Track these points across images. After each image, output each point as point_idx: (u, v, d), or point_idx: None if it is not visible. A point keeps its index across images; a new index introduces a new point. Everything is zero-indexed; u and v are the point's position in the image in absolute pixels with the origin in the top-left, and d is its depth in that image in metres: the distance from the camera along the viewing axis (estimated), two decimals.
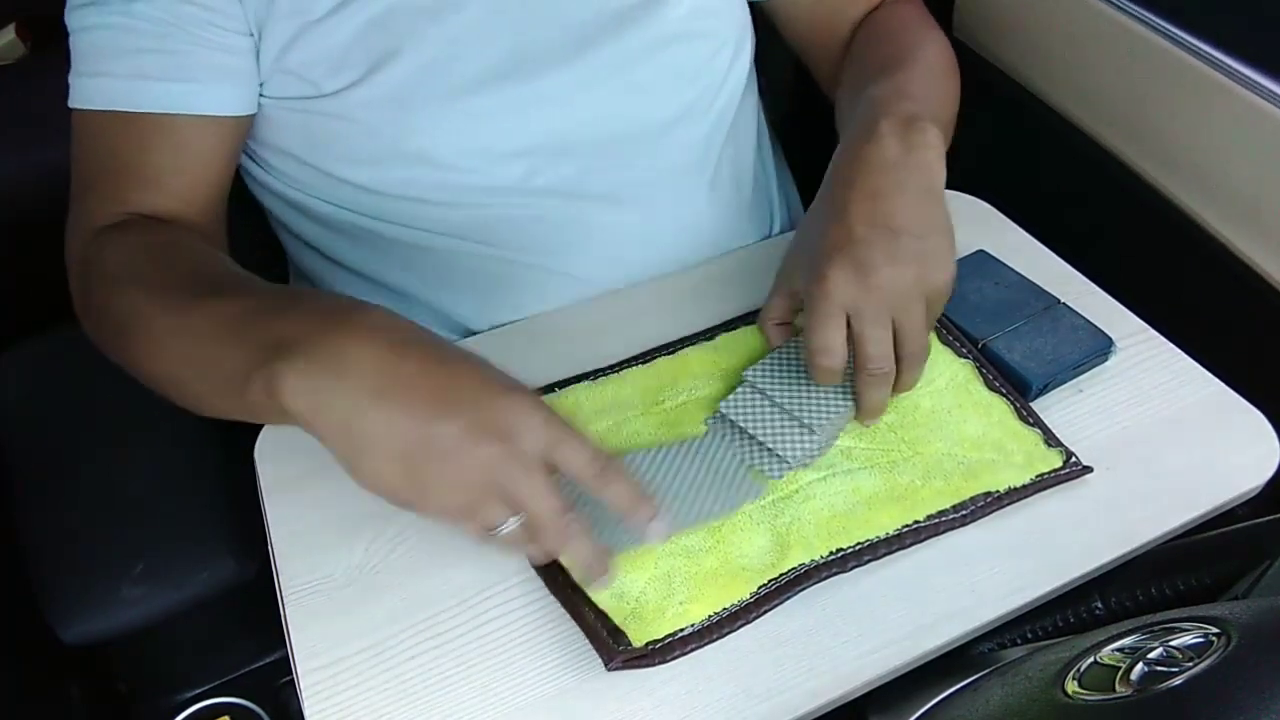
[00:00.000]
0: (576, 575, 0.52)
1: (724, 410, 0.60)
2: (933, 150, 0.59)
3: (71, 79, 0.63)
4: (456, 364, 0.47)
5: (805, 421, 0.58)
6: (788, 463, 0.57)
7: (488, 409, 0.46)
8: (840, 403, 0.59)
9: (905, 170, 0.57)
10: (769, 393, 0.60)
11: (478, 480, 0.46)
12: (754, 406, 0.60)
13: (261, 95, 0.66)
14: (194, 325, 0.52)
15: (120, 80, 0.61)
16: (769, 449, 0.58)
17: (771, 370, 0.61)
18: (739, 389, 0.61)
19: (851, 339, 0.56)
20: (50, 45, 1.08)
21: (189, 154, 0.64)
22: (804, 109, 0.76)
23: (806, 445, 0.58)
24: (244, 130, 0.67)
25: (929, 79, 0.68)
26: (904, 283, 0.54)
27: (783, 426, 0.59)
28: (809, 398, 0.59)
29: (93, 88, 0.62)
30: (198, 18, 0.61)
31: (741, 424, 0.59)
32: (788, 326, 0.64)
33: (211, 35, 0.62)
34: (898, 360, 0.56)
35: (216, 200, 0.67)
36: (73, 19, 0.62)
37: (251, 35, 0.63)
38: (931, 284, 0.56)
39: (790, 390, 0.60)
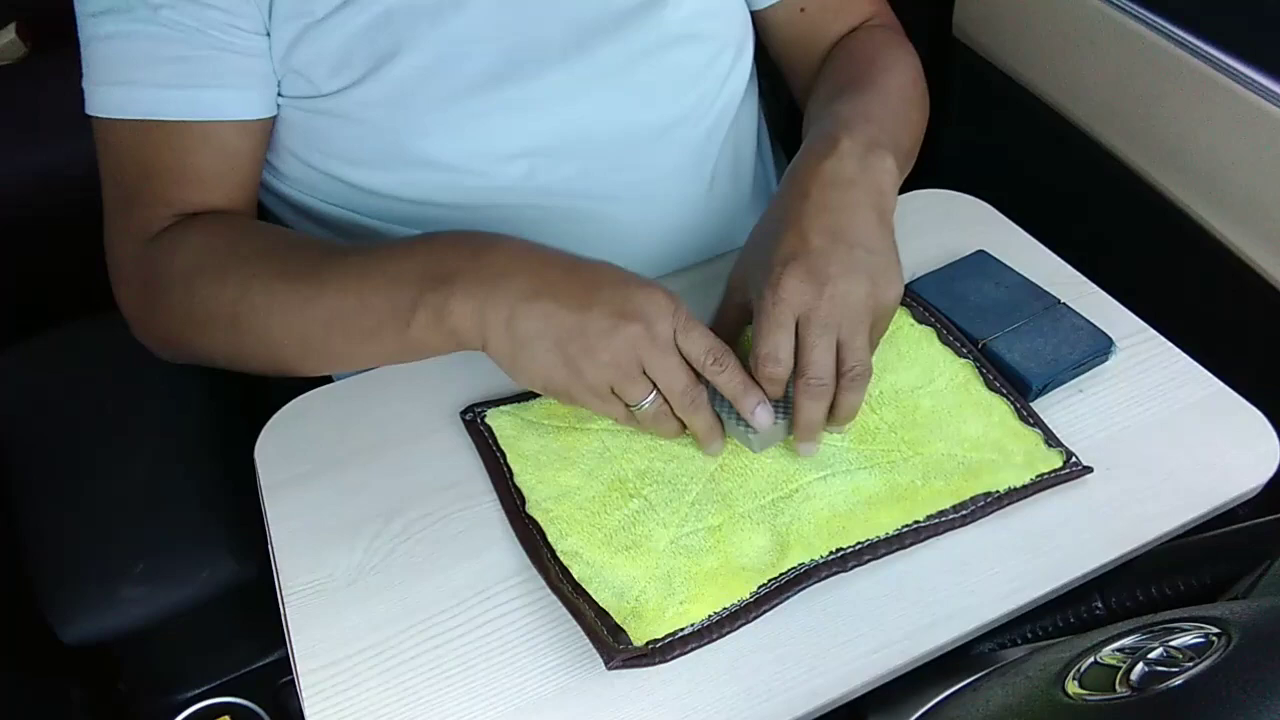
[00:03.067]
0: (699, 435, 0.57)
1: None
2: (888, 176, 0.60)
3: (91, 87, 0.62)
4: (595, 266, 0.56)
5: (742, 431, 0.57)
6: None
7: (627, 298, 0.54)
8: (779, 418, 0.57)
9: (860, 189, 0.58)
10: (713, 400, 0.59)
11: (621, 358, 0.53)
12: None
13: (277, 95, 0.66)
14: (333, 282, 0.58)
15: (152, 89, 0.61)
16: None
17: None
18: None
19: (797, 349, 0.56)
20: (50, 45, 1.08)
21: (227, 157, 0.65)
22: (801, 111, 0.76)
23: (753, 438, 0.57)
24: (269, 131, 0.68)
25: (894, 106, 0.69)
26: (857, 295, 0.55)
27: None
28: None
29: (123, 96, 0.62)
30: (220, 21, 0.61)
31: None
32: (736, 339, 0.63)
33: (234, 39, 0.62)
34: (839, 378, 0.56)
35: (253, 196, 0.69)
36: (89, 26, 0.62)
37: (266, 35, 0.63)
38: (881, 300, 0.56)
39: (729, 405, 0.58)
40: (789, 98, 0.83)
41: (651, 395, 0.55)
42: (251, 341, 0.61)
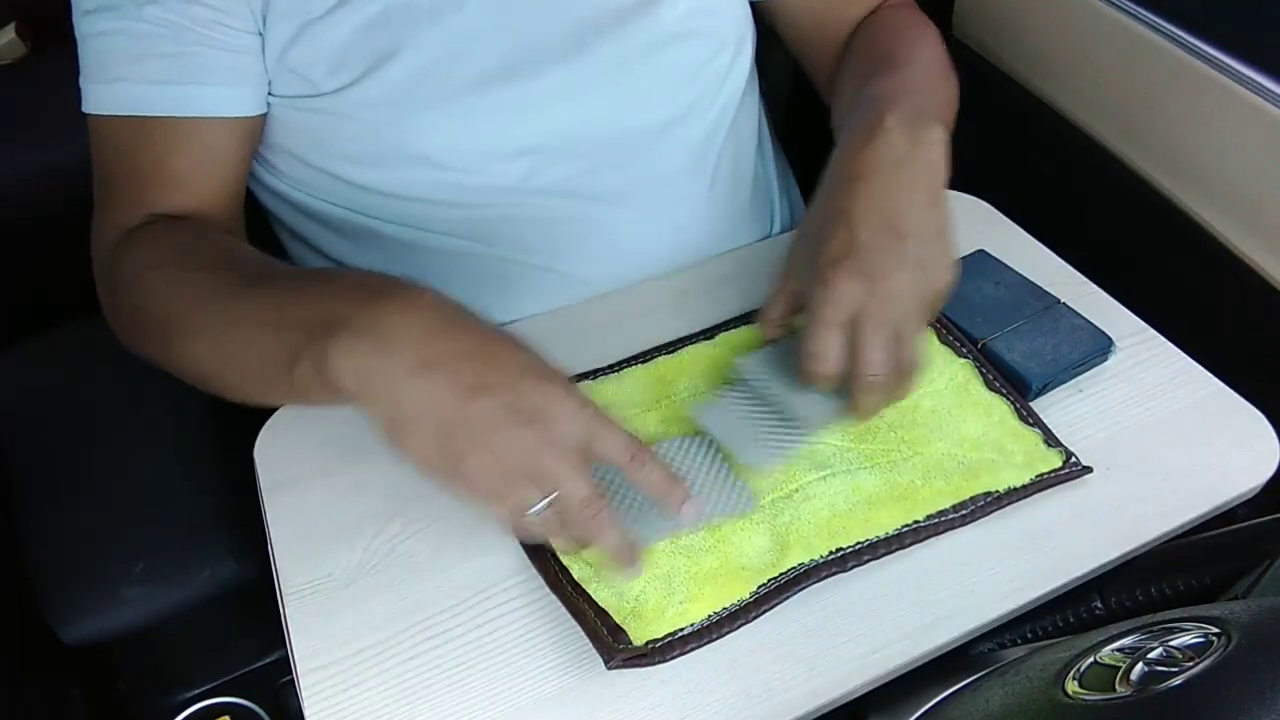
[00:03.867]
0: (605, 562, 0.51)
1: (711, 404, 0.60)
2: (939, 148, 0.58)
3: (84, 85, 0.63)
4: (499, 346, 0.49)
5: (788, 417, 0.58)
6: (768, 456, 0.57)
7: (525, 392, 0.47)
8: (825, 405, 0.58)
9: (912, 169, 0.57)
10: (756, 385, 0.60)
11: (512, 461, 0.47)
12: (739, 401, 0.60)
13: (269, 95, 0.66)
14: (234, 316, 0.54)
15: (137, 85, 0.61)
16: (754, 441, 0.58)
17: (763, 364, 0.61)
18: (726, 386, 0.61)
19: (849, 345, 0.55)
20: (50, 45, 1.08)
21: (209, 155, 0.64)
22: (804, 109, 0.76)
23: (786, 440, 0.57)
24: (258, 129, 0.67)
25: (930, 78, 0.68)
26: (909, 291, 0.55)
27: (765, 421, 0.58)
28: (796, 396, 0.59)
29: (109, 94, 0.62)
30: (207, 18, 0.61)
31: (726, 419, 0.59)
32: (787, 326, 0.63)
33: (222, 36, 0.62)
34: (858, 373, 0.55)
35: (236, 199, 0.68)
36: (83, 25, 0.62)
37: (259, 34, 0.63)
38: (934, 289, 0.56)
39: (778, 387, 0.59)
40: (789, 95, 0.83)
41: (544, 502, 0.48)
42: (176, 359, 0.59)
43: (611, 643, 0.50)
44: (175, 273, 0.59)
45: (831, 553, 0.54)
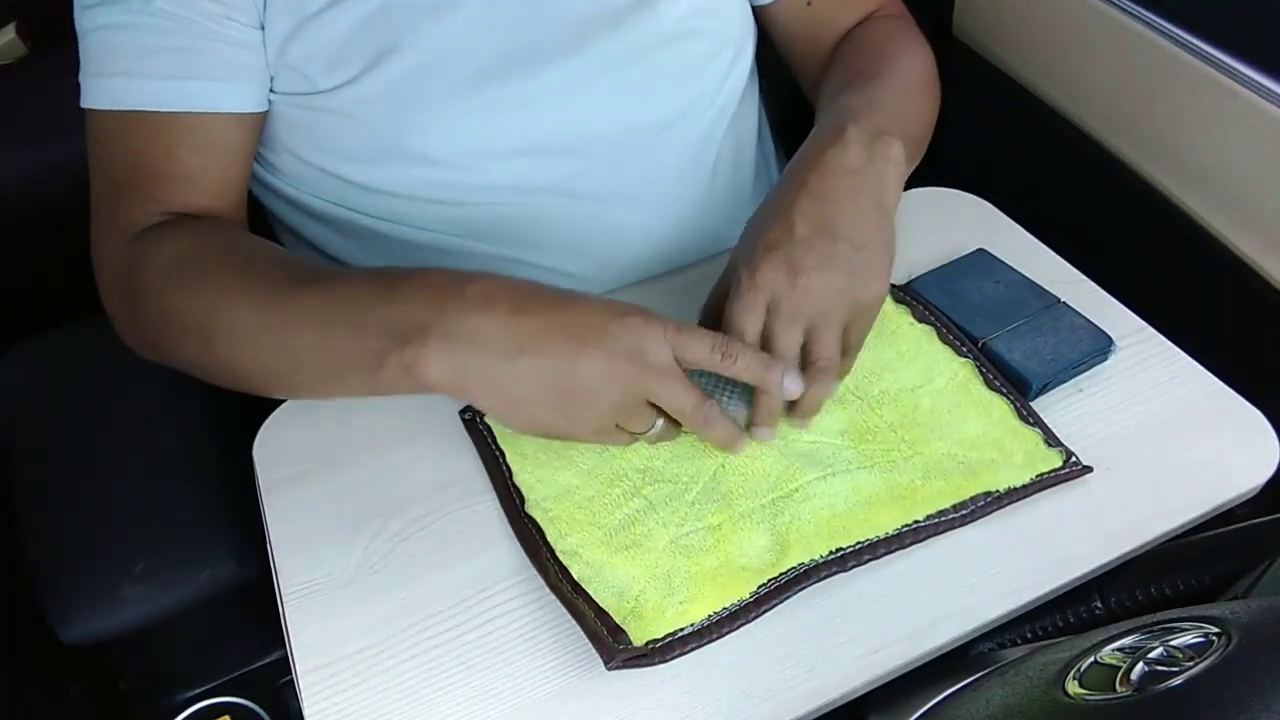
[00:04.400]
0: (720, 444, 0.57)
1: None
2: (894, 165, 0.59)
3: (85, 79, 0.62)
4: (570, 305, 0.53)
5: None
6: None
7: (614, 338, 0.51)
8: (743, 408, 0.58)
9: (861, 179, 0.58)
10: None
11: (623, 399, 0.52)
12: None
13: (270, 91, 0.66)
14: (298, 316, 0.56)
15: (143, 80, 0.61)
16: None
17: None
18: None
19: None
20: (50, 45, 1.08)
21: (216, 151, 0.64)
22: (804, 109, 0.76)
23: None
24: (261, 125, 0.67)
25: (903, 95, 0.69)
26: (830, 290, 0.55)
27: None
28: (723, 386, 0.59)
29: (113, 88, 0.61)
30: (214, 12, 0.61)
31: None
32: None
33: (228, 30, 0.62)
34: (805, 369, 0.56)
35: (241, 196, 0.68)
36: (84, 18, 0.61)
37: (261, 28, 0.63)
38: (859, 297, 0.56)
39: (706, 383, 0.59)
40: (789, 95, 0.83)
41: (658, 422, 0.55)
42: (220, 360, 0.59)
43: (611, 643, 0.50)
44: (220, 272, 0.59)
45: (831, 553, 0.54)
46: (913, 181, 0.73)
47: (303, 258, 0.61)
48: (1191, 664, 0.36)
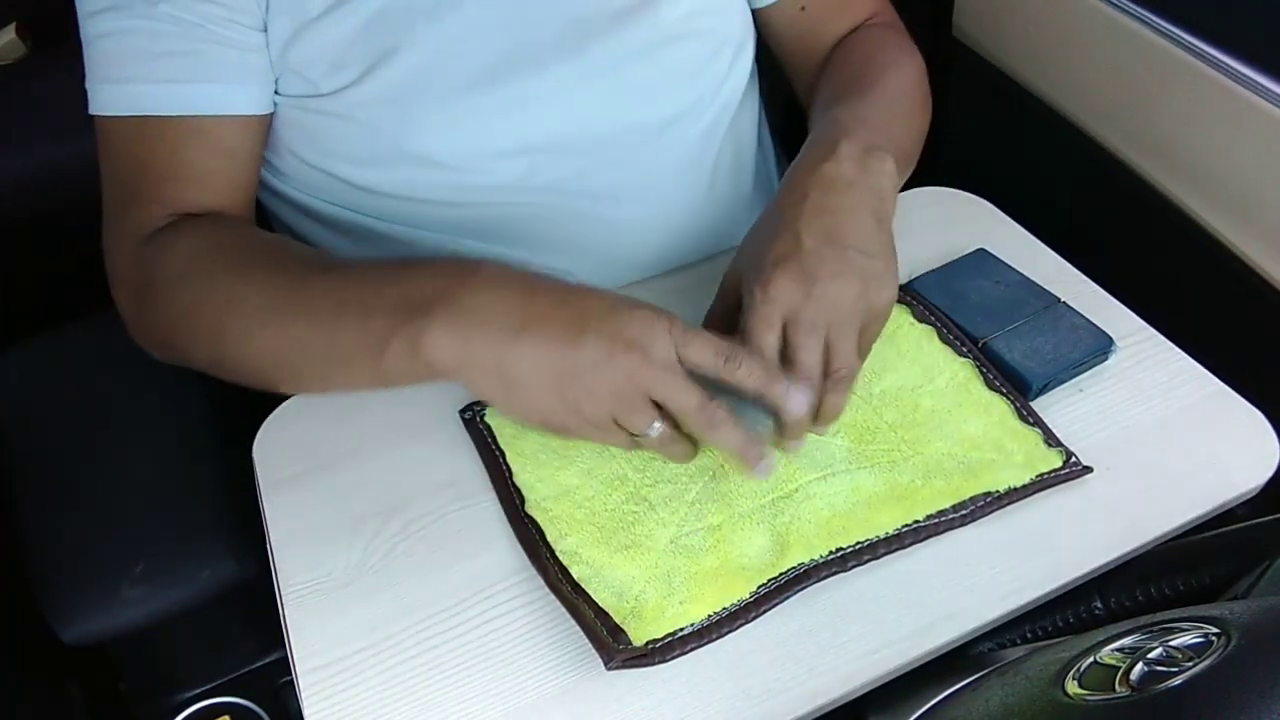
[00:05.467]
0: (735, 461, 0.54)
1: None
2: (887, 179, 0.60)
3: (92, 86, 0.62)
4: (581, 293, 0.53)
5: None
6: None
7: (619, 326, 0.51)
8: (761, 416, 0.57)
9: (859, 191, 0.58)
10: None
11: (623, 389, 0.51)
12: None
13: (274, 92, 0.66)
14: (312, 305, 0.56)
15: (149, 85, 0.61)
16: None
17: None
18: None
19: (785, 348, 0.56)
20: (50, 45, 1.08)
21: (224, 154, 0.64)
22: (803, 110, 0.76)
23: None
24: (267, 128, 0.67)
25: (892, 110, 0.69)
26: (846, 298, 0.55)
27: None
28: (737, 405, 0.57)
29: (119, 94, 0.61)
30: (218, 15, 0.61)
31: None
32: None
33: (233, 33, 0.62)
34: (825, 378, 0.56)
35: (250, 197, 0.68)
36: (89, 26, 0.62)
37: (264, 30, 0.63)
38: (872, 304, 0.56)
39: (721, 396, 0.58)
40: (788, 96, 0.83)
41: (658, 423, 0.53)
42: (234, 355, 0.60)
43: (611, 643, 0.50)
44: (232, 267, 0.60)
45: (831, 552, 0.54)
46: (912, 181, 0.73)
47: (319, 249, 0.61)
48: (1191, 664, 0.36)
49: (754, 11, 0.79)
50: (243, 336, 0.58)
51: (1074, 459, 0.58)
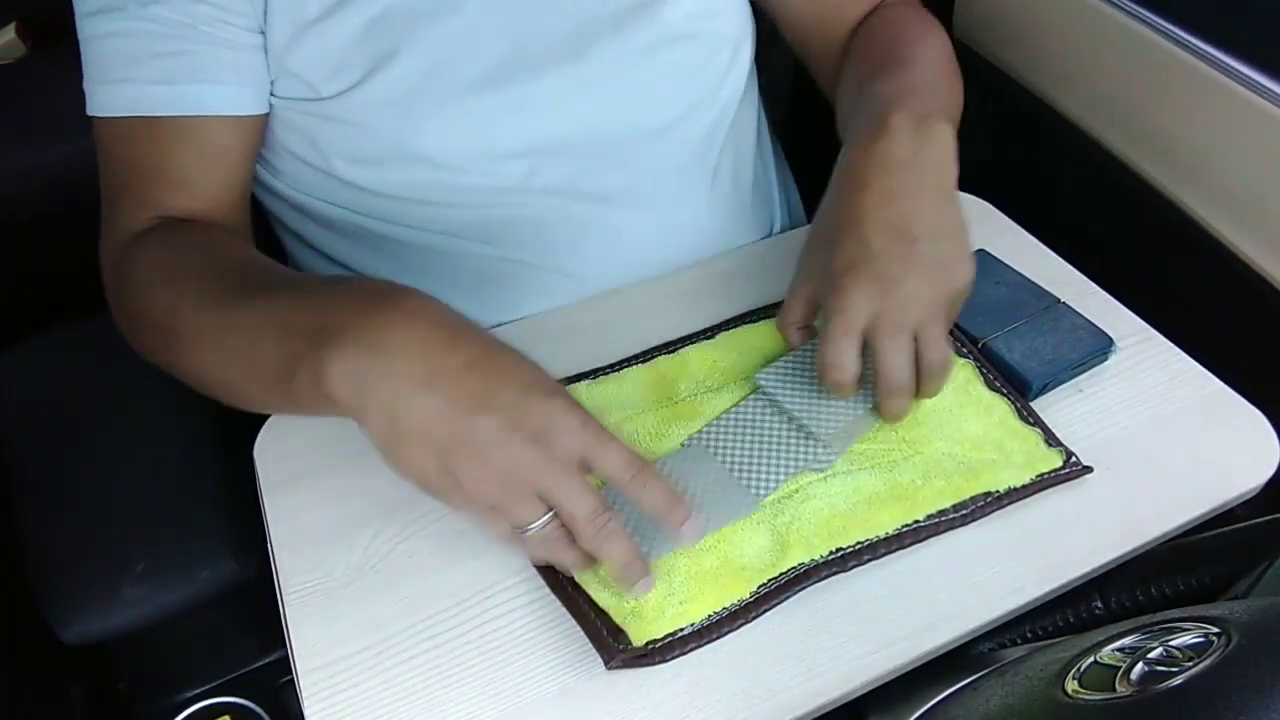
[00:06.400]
0: (616, 578, 0.51)
1: (735, 415, 0.60)
2: (946, 146, 0.58)
3: (89, 87, 0.62)
4: (501, 360, 0.48)
5: (813, 431, 0.58)
6: (793, 467, 0.57)
7: (527, 409, 0.46)
8: (852, 412, 0.58)
9: (919, 170, 0.57)
10: (780, 399, 0.60)
11: (511, 477, 0.46)
12: (763, 414, 0.60)
13: (270, 95, 0.66)
14: (237, 321, 0.53)
15: (141, 85, 0.61)
16: (774, 454, 0.58)
17: (784, 376, 0.61)
18: (750, 397, 0.61)
19: (868, 351, 0.55)
20: (50, 45, 1.08)
21: (214, 155, 0.64)
22: (804, 109, 0.76)
23: (817, 453, 0.57)
24: (262, 128, 0.67)
25: (934, 75, 0.68)
26: (923, 294, 0.54)
27: (790, 435, 0.58)
28: (820, 406, 0.59)
29: (114, 95, 0.62)
30: (212, 16, 0.61)
31: (747, 431, 0.59)
32: (808, 329, 0.62)
33: (227, 34, 0.62)
34: (918, 370, 0.56)
35: (242, 199, 0.67)
36: (85, 27, 0.62)
37: (261, 32, 0.63)
38: (949, 290, 0.55)
39: (801, 398, 0.59)
40: (789, 95, 0.83)
41: (543, 519, 0.48)
42: (183, 365, 0.58)
43: (612, 643, 0.50)
44: (178, 276, 0.59)
45: (831, 553, 0.54)
46: None
47: (278, 266, 0.59)
48: (1191, 664, 0.36)
49: (765, 4, 0.78)
50: (189, 349, 0.57)
51: (1074, 459, 0.58)
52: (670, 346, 0.66)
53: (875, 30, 0.75)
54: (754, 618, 0.52)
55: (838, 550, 0.54)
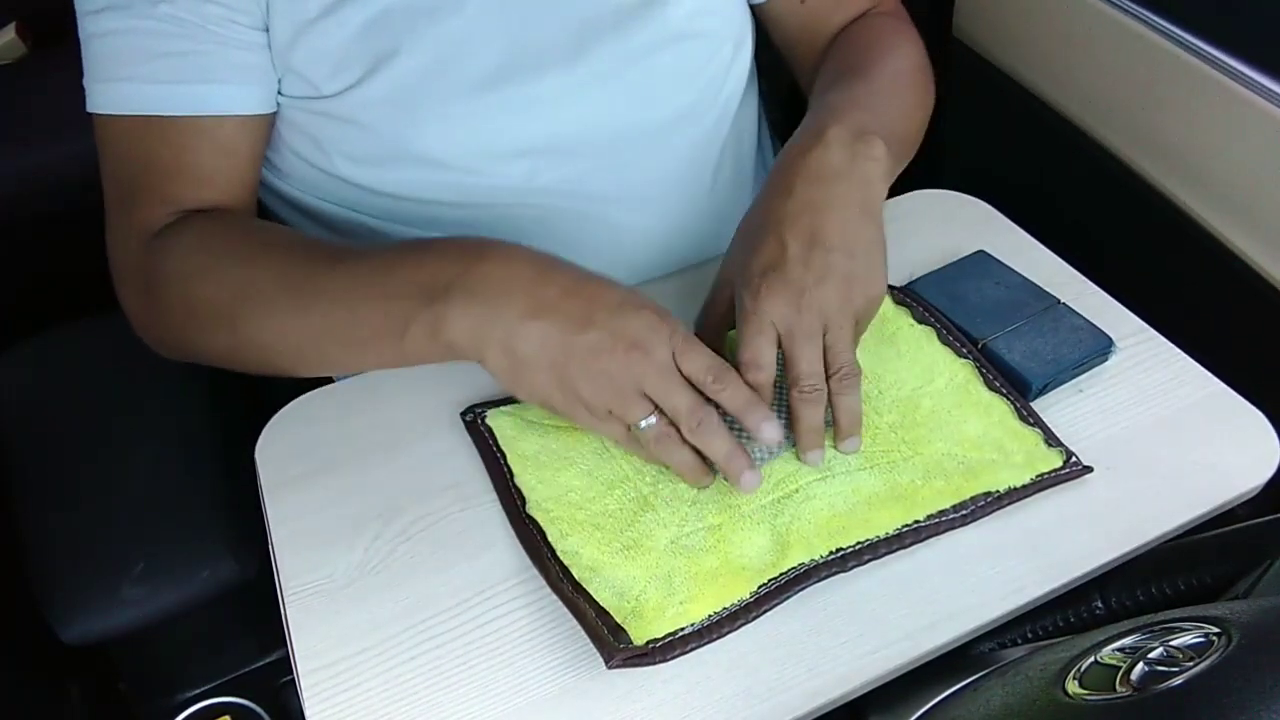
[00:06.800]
0: (721, 472, 0.55)
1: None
2: (876, 164, 0.60)
3: (91, 84, 0.62)
4: (595, 285, 0.54)
5: (745, 435, 0.57)
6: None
7: (623, 321, 0.53)
8: (783, 425, 0.57)
9: (845, 183, 0.58)
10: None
11: (619, 381, 0.53)
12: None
13: (278, 94, 0.66)
14: (330, 289, 0.57)
15: (152, 85, 0.61)
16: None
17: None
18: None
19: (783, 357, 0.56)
20: (50, 45, 1.08)
21: (227, 153, 0.65)
22: (804, 109, 0.76)
23: (757, 453, 0.57)
24: (269, 127, 0.67)
25: (889, 92, 0.69)
26: (834, 302, 0.56)
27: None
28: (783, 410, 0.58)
29: (121, 93, 0.62)
30: (220, 15, 0.61)
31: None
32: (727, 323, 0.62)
33: (234, 33, 0.62)
34: (830, 380, 0.56)
35: (253, 196, 0.69)
36: (88, 24, 0.62)
37: (265, 30, 0.63)
38: (861, 301, 0.57)
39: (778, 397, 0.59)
40: (788, 95, 0.84)
41: (653, 415, 0.54)
42: (248, 343, 0.60)
43: (612, 642, 0.50)
44: (244, 256, 0.61)
45: (831, 553, 0.54)
46: (912, 183, 0.73)
47: (320, 238, 0.63)
48: (1191, 664, 0.36)
49: (754, 8, 0.79)
50: (259, 323, 0.59)
51: (1074, 459, 0.58)
52: None
53: (848, 39, 0.76)
54: (754, 618, 0.52)
55: (838, 550, 0.54)
